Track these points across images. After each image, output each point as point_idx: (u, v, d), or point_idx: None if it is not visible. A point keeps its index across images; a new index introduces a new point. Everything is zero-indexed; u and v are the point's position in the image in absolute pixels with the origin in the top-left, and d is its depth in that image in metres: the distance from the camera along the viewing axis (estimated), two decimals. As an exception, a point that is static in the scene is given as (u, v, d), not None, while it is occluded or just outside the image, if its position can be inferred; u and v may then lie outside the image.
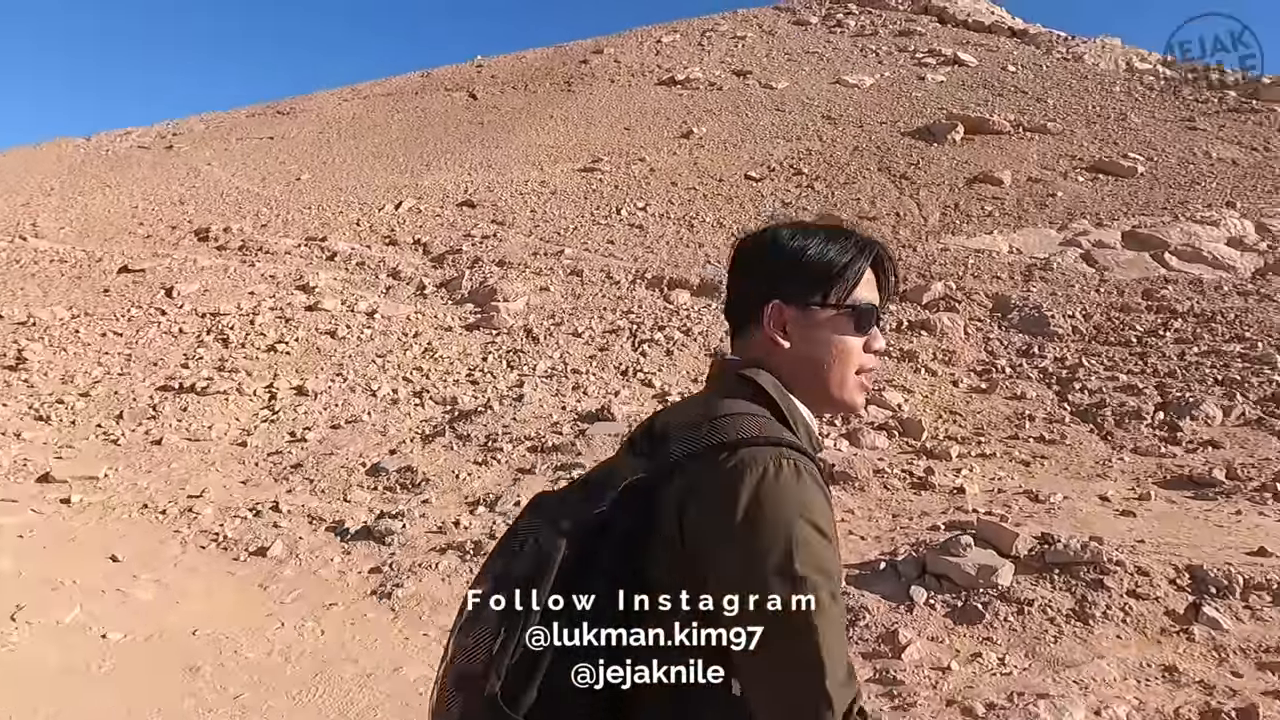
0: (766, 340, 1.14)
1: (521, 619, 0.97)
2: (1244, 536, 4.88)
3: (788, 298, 1.13)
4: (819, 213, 17.26)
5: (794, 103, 27.54)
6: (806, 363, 1.13)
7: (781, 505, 0.96)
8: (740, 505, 0.96)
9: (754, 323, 1.16)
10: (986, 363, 9.43)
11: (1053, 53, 31.83)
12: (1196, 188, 17.51)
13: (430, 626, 4.38)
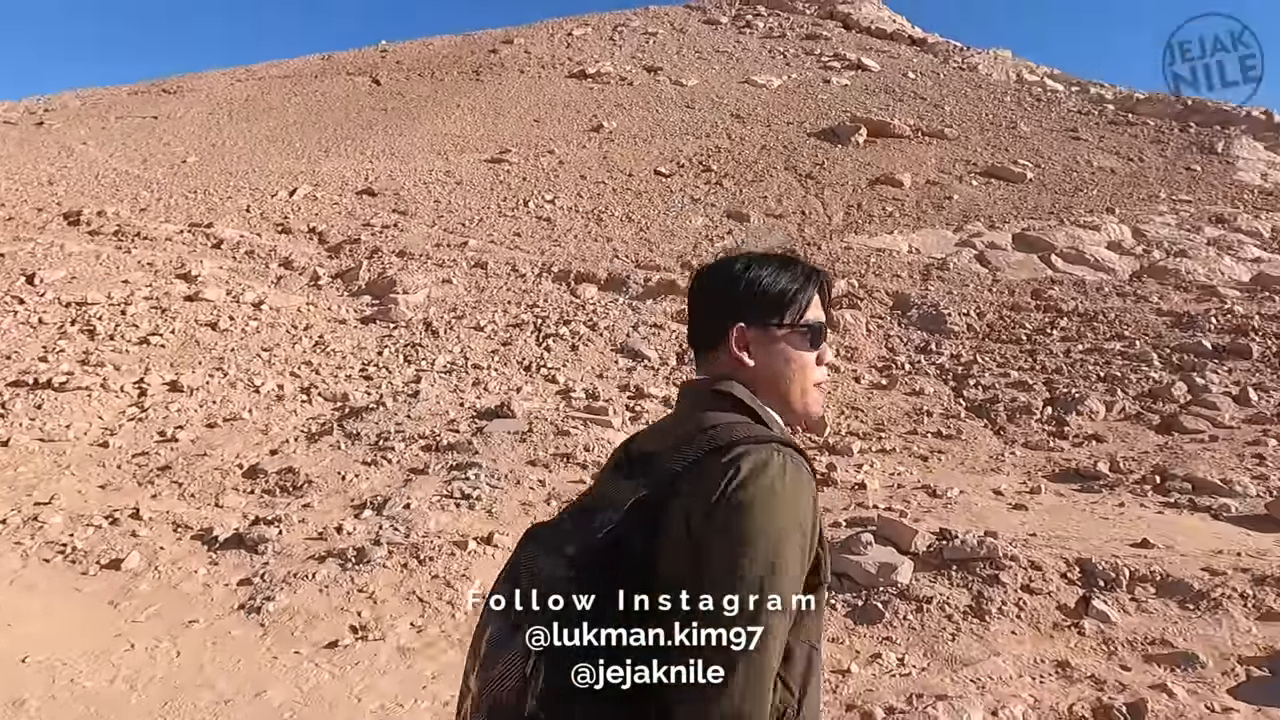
0: (733, 359, 1.23)
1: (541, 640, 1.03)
2: (1127, 528, 5.01)
3: (749, 321, 1.23)
4: (727, 209, 17.34)
5: (704, 100, 27.66)
6: (769, 378, 1.23)
7: (771, 503, 1.03)
8: (734, 494, 1.03)
9: (720, 345, 1.25)
10: (887, 359, 9.58)
11: (949, 62, 33.07)
12: (1080, 194, 18.43)
13: (303, 643, 4.01)
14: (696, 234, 15.79)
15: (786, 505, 1.05)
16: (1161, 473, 6.15)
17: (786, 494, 1.05)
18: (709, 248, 14.97)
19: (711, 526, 1.04)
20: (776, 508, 1.04)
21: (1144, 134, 24.07)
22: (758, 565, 1.02)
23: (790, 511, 1.05)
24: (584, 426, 6.92)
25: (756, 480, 1.05)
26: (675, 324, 10.81)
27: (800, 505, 1.06)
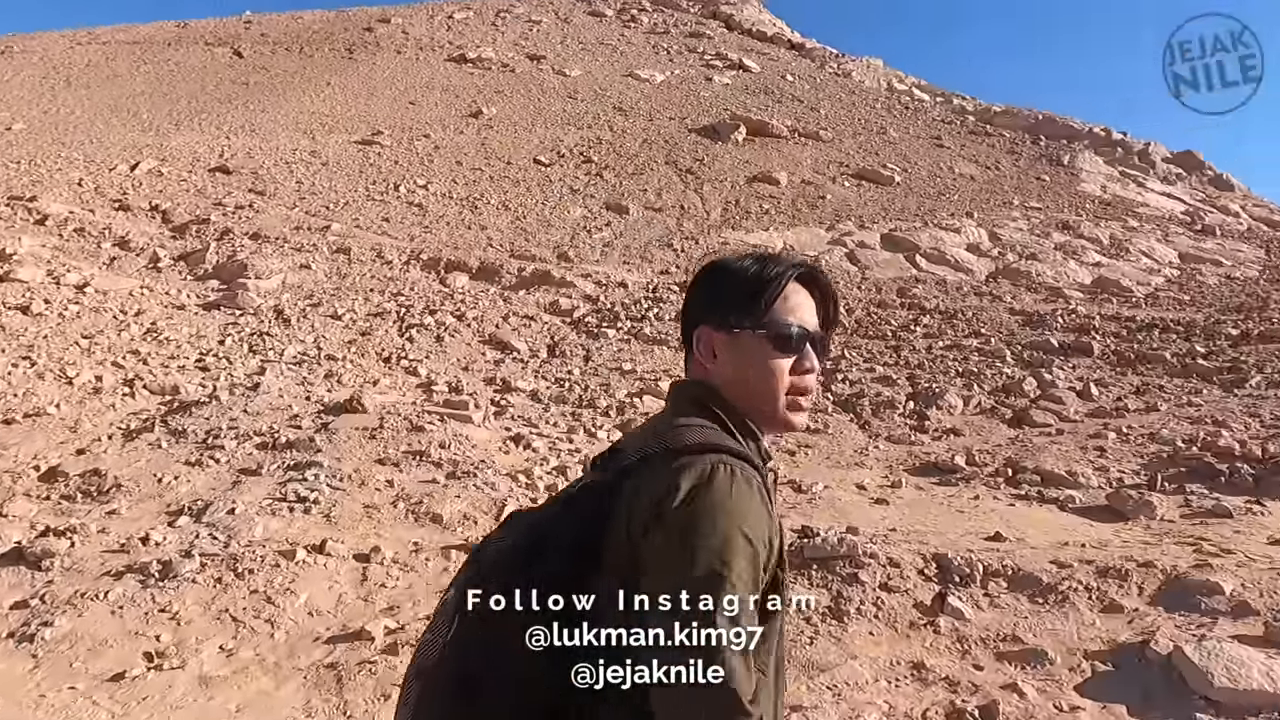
0: (697, 366, 1.20)
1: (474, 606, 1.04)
2: (981, 521, 5.07)
3: (714, 323, 1.18)
4: (606, 201, 17.10)
5: (586, 91, 27.32)
6: (737, 382, 1.17)
7: (717, 510, 1.00)
8: (676, 504, 1.00)
9: (695, 347, 1.21)
10: (759, 353, 9.57)
11: (826, 67, 34.08)
12: (943, 198, 19.29)
13: (81, 675, 3.43)
14: (574, 225, 15.46)
15: (730, 515, 1.01)
16: (1013, 465, 6.31)
17: (729, 505, 1.01)
18: (586, 239, 14.68)
19: (650, 537, 1.02)
20: (718, 519, 1.00)
21: (1000, 144, 25.52)
22: (699, 572, 0.98)
23: (733, 521, 1.01)
24: (441, 422, 6.48)
25: (698, 493, 1.02)
26: (548, 315, 10.46)
27: (747, 516, 1.02)
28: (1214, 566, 3.82)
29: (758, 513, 1.03)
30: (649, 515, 1.02)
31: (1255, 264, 14.96)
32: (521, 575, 1.05)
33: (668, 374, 8.51)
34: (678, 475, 1.03)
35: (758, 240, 15.04)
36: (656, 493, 1.03)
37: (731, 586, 0.97)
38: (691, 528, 1.00)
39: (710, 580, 0.97)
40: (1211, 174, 24.57)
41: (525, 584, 1.04)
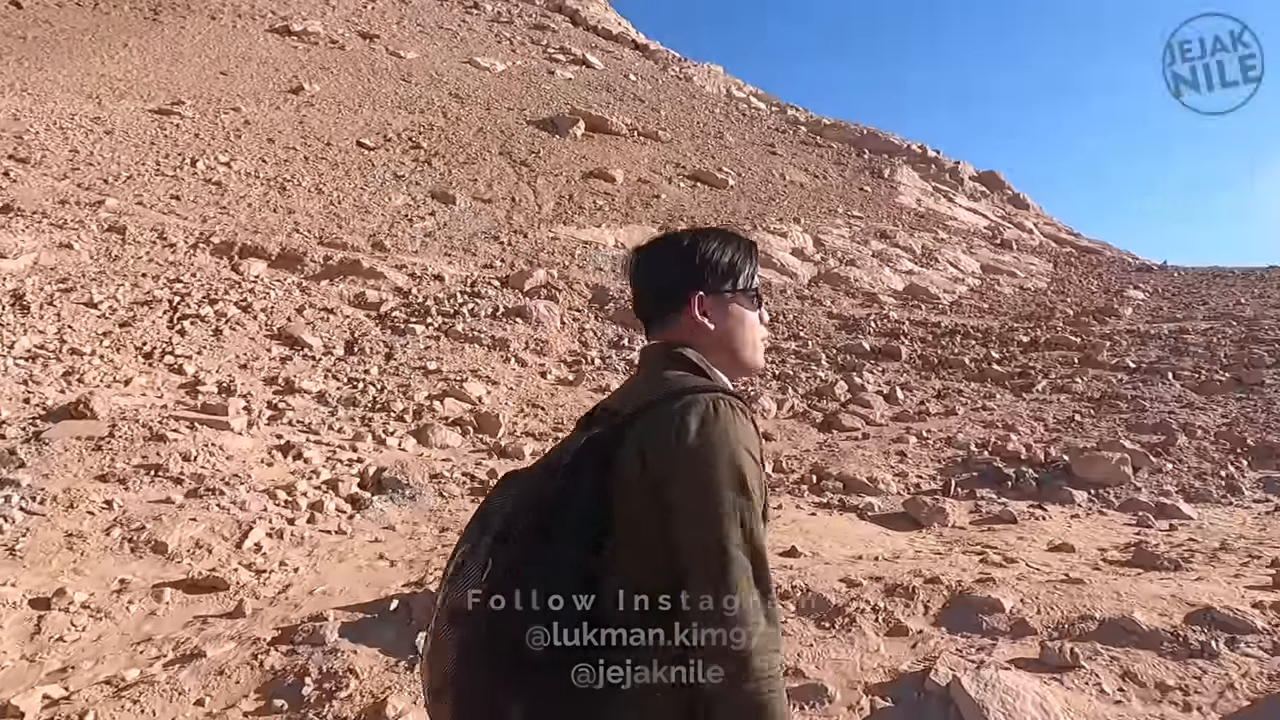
0: (692, 323, 1.33)
1: (503, 556, 1.14)
2: (780, 535, 4.86)
3: (706, 289, 1.35)
4: (432, 189, 16.15)
5: (422, 75, 26.02)
6: (725, 336, 1.35)
7: (725, 435, 1.13)
8: (691, 433, 1.12)
9: (676, 313, 1.35)
10: (578, 354, 9.14)
11: (668, 70, 34.38)
12: (773, 203, 19.74)
13: None
14: (394, 213, 14.44)
15: (740, 438, 1.14)
16: (818, 472, 6.22)
17: (737, 430, 1.14)
18: (406, 228, 13.74)
19: (674, 462, 1.12)
20: (733, 440, 1.13)
21: (828, 155, 26.61)
22: (729, 492, 1.10)
23: (743, 444, 1.13)
24: (191, 429, 5.56)
25: (712, 420, 1.14)
26: (351, 308, 9.54)
27: (750, 439, 1.15)
28: (996, 580, 3.73)
29: (755, 436, 1.16)
30: (665, 454, 1.12)
31: (1044, 276, 16.20)
32: (547, 523, 1.14)
33: (476, 374, 7.91)
34: (685, 413, 1.14)
35: (589, 237, 14.66)
36: (668, 432, 1.13)
37: (753, 504, 1.11)
38: (709, 458, 1.11)
39: (739, 500, 1.09)
40: (1011, 193, 26.69)
41: (551, 532, 1.13)
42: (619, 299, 11.18)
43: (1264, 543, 4.73)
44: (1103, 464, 5.75)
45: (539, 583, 1.10)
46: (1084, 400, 7.84)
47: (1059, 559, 4.44)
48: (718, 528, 1.08)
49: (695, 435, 1.12)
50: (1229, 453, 6.31)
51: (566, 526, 1.13)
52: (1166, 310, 12.27)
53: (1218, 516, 5.34)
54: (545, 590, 1.09)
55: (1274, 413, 7.03)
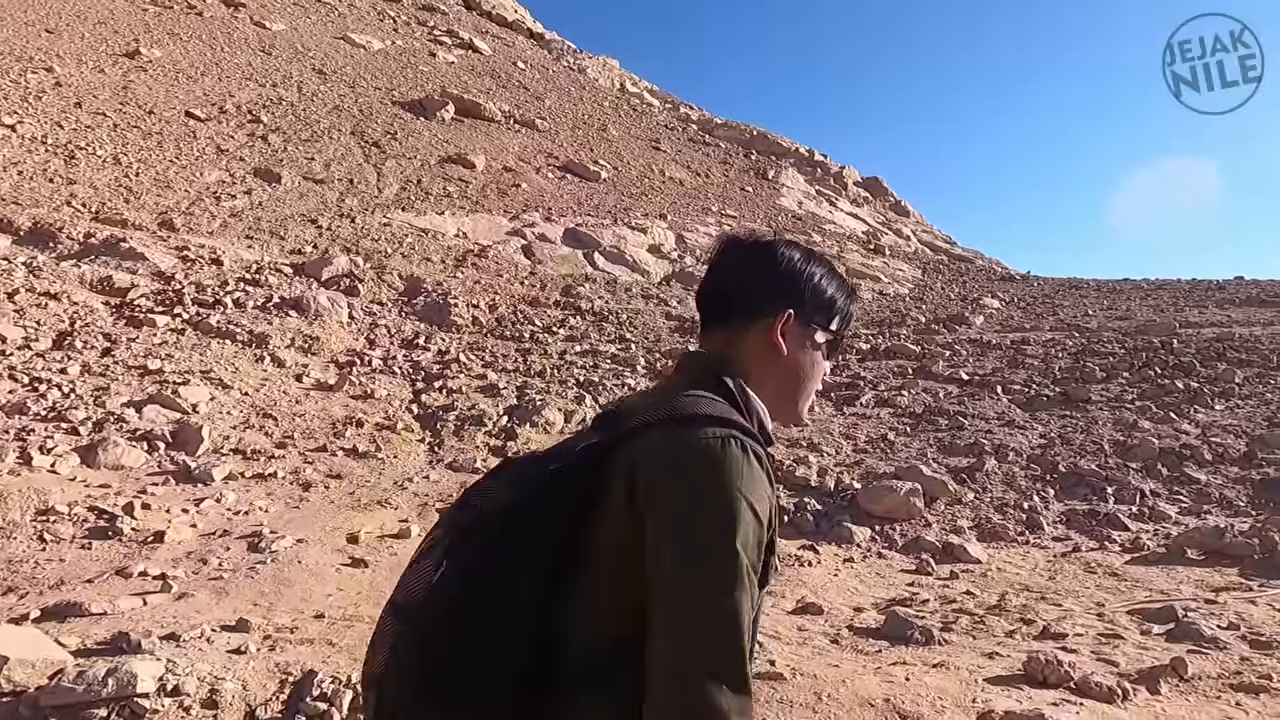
0: (766, 341, 1.16)
1: (461, 557, 1.02)
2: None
3: (798, 313, 1.17)
4: (257, 166, 14.53)
5: (285, 48, 24.09)
6: (791, 371, 1.18)
7: (729, 481, 0.98)
8: (690, 474, 0.98)
9: (755, 321, 1.17)
10: (356, 354, 7.92)
11: (561, 60, 33.24)
12: (645, 198, 18.87)
13: None
14: (202, 189, 12.83)
15: (746, 488, 0.98)
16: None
17: (744, 478, 0.98)
18: (211, 206, 12.17)
19: (662, 502, 0.97)
20: (736, 488, 0.97)
21: (715, 154, 26.00)
22: (720, 550, 0.95)
23: (745, 494, 0.97)
24: None
25: (718, 461, 0.98)
26: (89, 293, 8.05)
27: (755, 490, 0.98)
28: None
29: (763, 489, 1.00)
30: (655, 484, 0.98)
31: (909, 282, 15.83)
32: (515, 533, 1.03)
33: (207, 376, 6.61)
34: (688, 445, 1.00)
35: (427, 225, 13.40)
36: (662, 461, 1.00)
37: (742, 560, 0.96)
38: (702, 500, 0.97)
39: (724, 552, 0.95)
40: (893, 200, 26.69)
41: (518, 544, 1.02)
42: (433, 292, 10.00)
43: (1046, 597, 3.98)
44: (891, 496, 4.97)
45: (486, 601, 1.00)
46: (905, 416, 7.14)
47: (798, 626, 3.56)
48: (694, 591, 0.94)
49: (692, 476, 0.98)
50: (1037, 479, 5.65)
51: (535, 540, 1.01)
52: (1017, 320, 11.92)
53: (1009, 559, 4.60)
54: (491, 611, 1.00)
55: (1092, 433, 6.46)
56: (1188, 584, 4.12)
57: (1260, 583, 4.08)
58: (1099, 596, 3.97)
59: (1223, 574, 4.22)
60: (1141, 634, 3.43)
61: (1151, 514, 5.13)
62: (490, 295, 10.40)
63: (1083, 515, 5.13)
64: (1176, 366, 8.08)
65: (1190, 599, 3.84)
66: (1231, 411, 6.80)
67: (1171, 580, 4.17)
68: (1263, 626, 3.38)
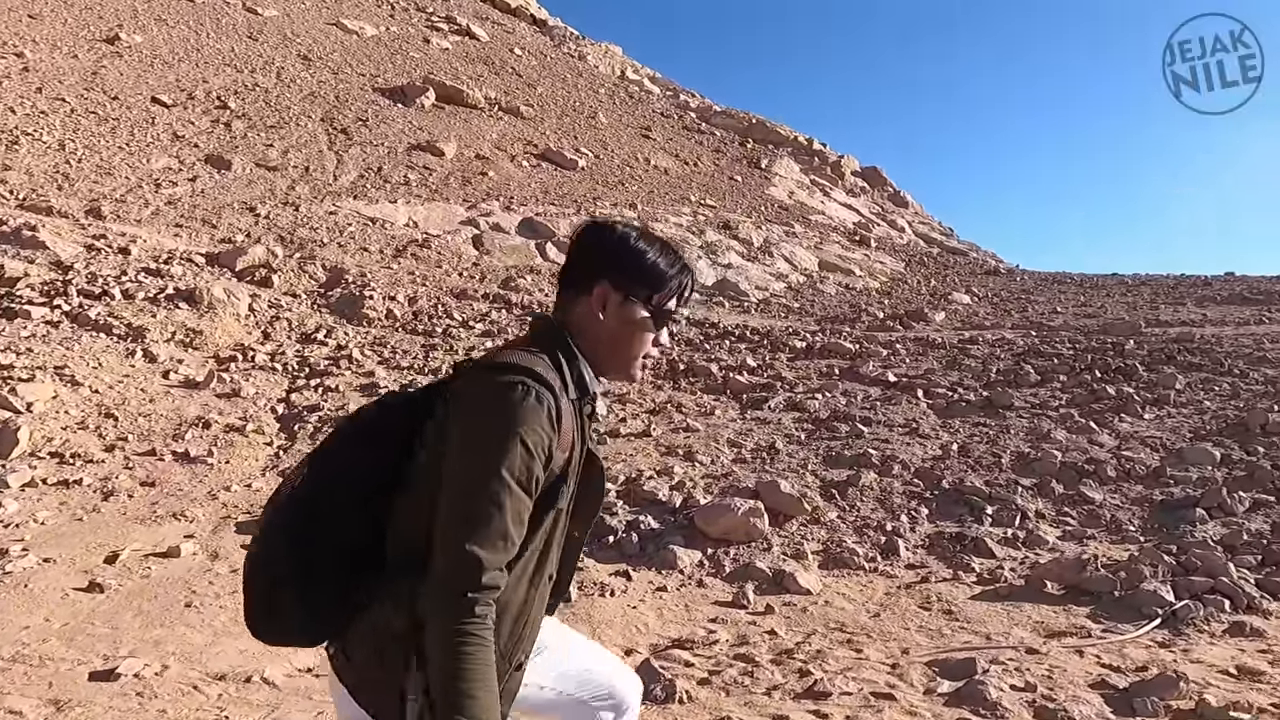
0: (587, 310, 1.37)
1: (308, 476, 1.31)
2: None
3: (616, 285, 1.37)
4: (210, 153, 14.24)
5: (274, 34, 23.88)
6: (610, 337, 1.38)
7: (505, 416, 1.19)
8: (476, 408, 1.22)
9: (579, 292, 1.38)
10: (242, 349, 7.58)
11: (562, 47, 32.72)
12: (622, 187, 18.36)
13: None
14: (145, 176, 12.58)
15: (522, 423, 1.19)
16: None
17: (525, 415, 1.19)
18: (148, 193, 11.91)
19: (459, 429, 1.21)
20: (514, 421, 1.19)
21: (709, 142, 25.38)
22: (493, 462, 1.17)
23: (520, 429, 1.19)
24: None
25: (504, 398, 1.20)
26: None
27: (529, 425, 1.20)
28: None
29: (539, 426, 1.21)
30: (455, 419, 1.22)
31: (886, 276, 15.21)
32: (351, 453, 1.31)
33: (59, 371, 6.29)
34: (487, 385, 1.23)
35: (377, 213, 13.04)
36: (461, 399, 1.23)
37: (502, 478, 1.17)
38: (481, 428, 1.20)
39: (489, 467, 1.17)
40: (891, 190, 25.92)
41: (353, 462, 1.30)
42: (354, 284, 9.64)
43: (853, 640, 3.50)
44: (728, 517, 4.49)
45: (322, 509, 1.27)
46: (808, 422, 6.63)
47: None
48: (461, 493, 1.17)
49: (482, 408, 1.21)
50: (914, 497, 5.13)
51: (365, 460, 1.29)
52: (980, 317, 11.31)
53: (845, 590, 4.12)
54: (325, 518, 1.27)
55: (998, 444, 5.91)
56: (1023, 626, 3.61)
57: (1104, 627, 3.56)
58: (912, 641, 3.48)
59: (1070, 615, 3.70)
60: (923, 694, 2.95)
61: (1027, 539, 4.59)
62: (416, 287, 10.02)
63: (948, 539, 4.61)
64: (1119, 370, 7.48)
65: (1011, 647, 3.34)
66: (1160, 422, 6.21)
67: (1008, 621, 3.67)
68: (1061, 690, 2.88)
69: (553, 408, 1.22)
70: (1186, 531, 4.55)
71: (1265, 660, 3.18)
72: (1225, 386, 6.86)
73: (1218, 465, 5.33)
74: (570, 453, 1.26)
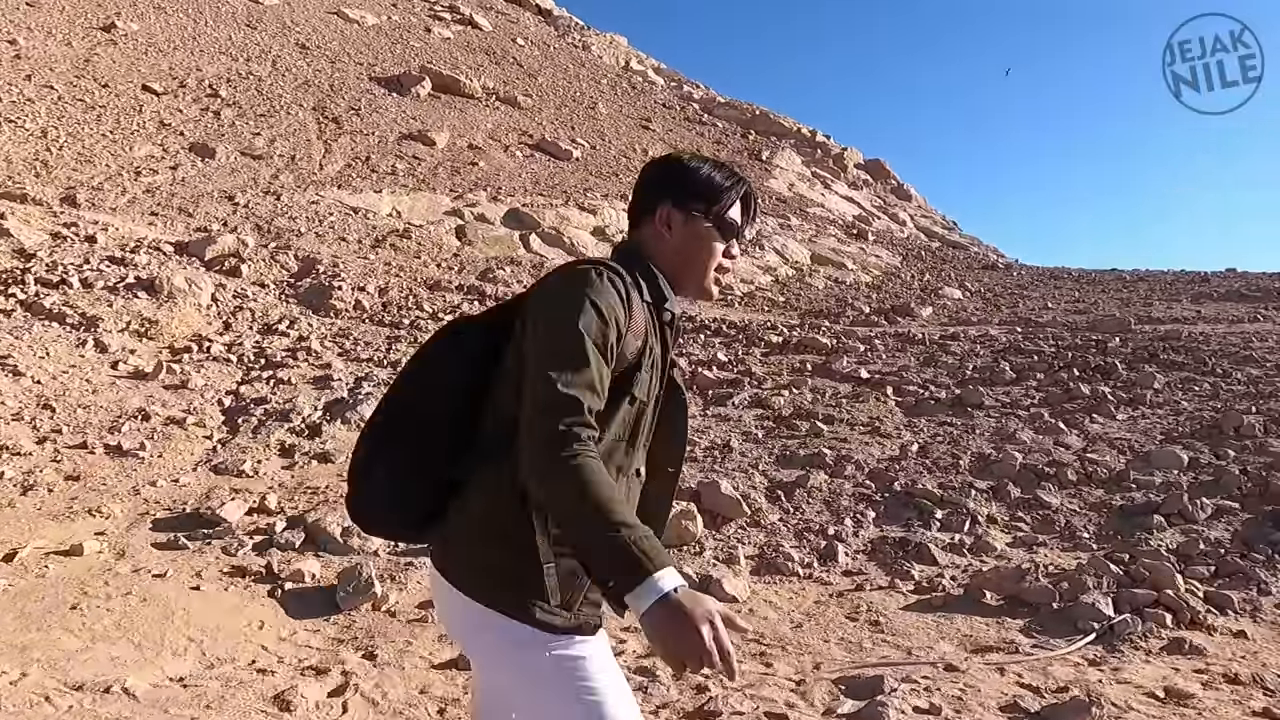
0: (653, 231, 1.47)
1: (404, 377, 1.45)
2: (159, 631, 3.29)
3: (677, 204, 1.45)
4: (195, 141, 14.14)
5: (273, 23, 23.78)
6: (680, 253, 1.46)
7: (578, 288, 1.28)
8: (552, 287, 1.33)
9: (645, 216, 1.48)
10: (198, 339, 7.45)
11: (567, 37, 32.46)
12: (615, 178, 18.13)
13: None
14: (127, 163, 12.49)
15: (596, 297, 1.27)
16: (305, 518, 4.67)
17: (598, 291, 1.28)
18: (127, 181, 11.82)
19: (536, 306, 1.32)
20: (589, 295, 1.27)
21: (710, 134, 25.09)
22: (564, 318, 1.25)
23: (587, 294, 1.27)
24: None
25: (579, 280, 1.30)
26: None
27: (607, 302, 1.28)
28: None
29: (611, 297, 1.29)
30: (535, 300, 1.33)
31: (879, 270, 14.94)
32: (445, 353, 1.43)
33: (3, 361, 6.18)
34: (560, 272, 1.36)
35: (360, 203, 12.89)
36: (543, 284, 1.36)
37: (579, 333, 1.23)
38: (556, 299, 1.30)
39: (568, 323, 1.24)
40: (895, 183, 25.57)
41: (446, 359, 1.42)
42: (325, 275, 9.50)
43: (767, 652, 3.31)
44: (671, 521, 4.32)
45: (421, 400, 1.40)
46: (769, 419, 6.43)
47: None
48: (544, 350, 1.24)
49: (556, 286, 1.32)
50: (864, 499, 4.92)
51: (456, 357, 1.41)
52: (968, 312, 11.05)
53: (774, 598, 3.93)
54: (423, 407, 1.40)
55: (961, 444, 5.69)
56: (951, 640, 3.41)
57: (1036, 642, 3.35)
58: (828, 655, 3.29)
59: (1003, 628, 3.50)
60: (821, 715, 2.76)
61: (974, 545, 4.38)
62: (390, 278, 9.87)
63: (891, 545, 4.41)
64: (1098, 369, 7.23)
65: (930, 664, 3.14)
66: (1132, 423, 5.97)
67: (935, 634, 3.47)
68: (968, 712, 2.68)
69: (624, 291, 1.31)
70: (1142, 539, 4.34)
71: (1198, 681, 2.97)
72: (1206, 387, 6.61)
73: (1185, 469, 5.10)
74: (644, 341, 1.32)
